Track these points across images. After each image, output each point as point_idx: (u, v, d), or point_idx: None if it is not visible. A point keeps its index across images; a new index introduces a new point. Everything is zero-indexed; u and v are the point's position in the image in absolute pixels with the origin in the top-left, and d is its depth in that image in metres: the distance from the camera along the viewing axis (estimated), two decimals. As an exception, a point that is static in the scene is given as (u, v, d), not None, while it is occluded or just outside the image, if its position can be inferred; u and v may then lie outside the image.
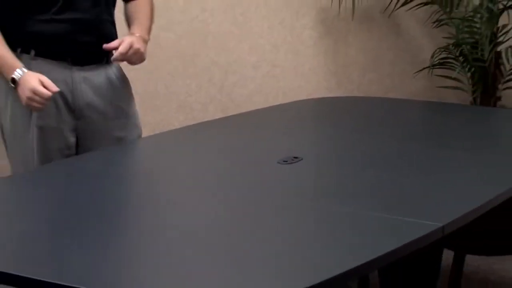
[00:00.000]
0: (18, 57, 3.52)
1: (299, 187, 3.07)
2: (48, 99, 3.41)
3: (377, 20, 5.09)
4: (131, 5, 3.86)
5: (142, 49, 3.66)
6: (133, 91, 4.00)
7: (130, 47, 3.56)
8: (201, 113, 4.47)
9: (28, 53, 3.56)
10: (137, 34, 3.68)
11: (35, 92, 3.40)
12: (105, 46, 3.55)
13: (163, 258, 2.42)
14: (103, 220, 2.73)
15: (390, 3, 4.92)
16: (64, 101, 3.59)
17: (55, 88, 3.40)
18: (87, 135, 3.68)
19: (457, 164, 3.34)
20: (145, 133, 3.87)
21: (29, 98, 3.42)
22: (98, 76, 3.69)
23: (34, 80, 3.41)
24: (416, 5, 4.93)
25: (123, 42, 3.56)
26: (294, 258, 2.41)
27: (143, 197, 3.03)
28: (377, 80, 5.12)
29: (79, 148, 3.73)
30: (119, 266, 2.38)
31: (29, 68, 3.49)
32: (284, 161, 3.23)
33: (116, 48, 3.54)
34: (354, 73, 5.13)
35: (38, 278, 2.21)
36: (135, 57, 3.63)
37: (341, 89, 5.10)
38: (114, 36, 3.73)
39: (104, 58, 3.69)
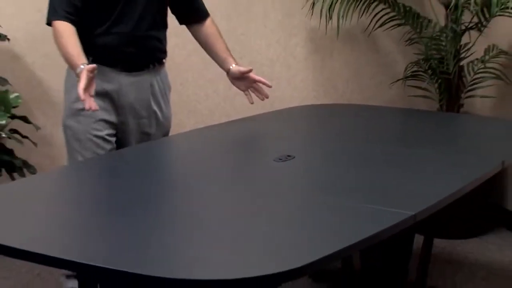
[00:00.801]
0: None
1: (292, 181, 3.08)
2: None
3: (358, 39, 5.12)
4: (199, 30, 3.97)
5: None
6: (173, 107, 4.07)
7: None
8: (209, 118, 4.51)
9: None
10: (236, 65, 3.93)
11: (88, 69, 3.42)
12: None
13: (186, 234, 2.49)
14: (135, 204, 2.76)
15: (369, 24, 4.96)
16: (110, 100, 3.70)
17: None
18: (122, 128, 3.78)
19: (426, 162, 3.34)
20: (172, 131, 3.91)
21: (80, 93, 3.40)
22: (142, 82, 3.77)
23: (90, 67, 3.48)
24: (391, 26, 4.96)
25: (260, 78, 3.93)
26: (288, 241, 2.42)
27: (167, 184, 3.07)
28: (358, 90, 5.15)
29: (117, 138, 3.83)
30: (154, 240, 2.40)
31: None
32: (279, 159, 3.23)
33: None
34: (338, 84, 5.15)
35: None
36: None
37: (328, 98, 5.13)
38: (157, 50, 3.82)
39: (150, 66, 3.77)
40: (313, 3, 4.87)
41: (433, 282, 4.04)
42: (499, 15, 4.60)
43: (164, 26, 3.88)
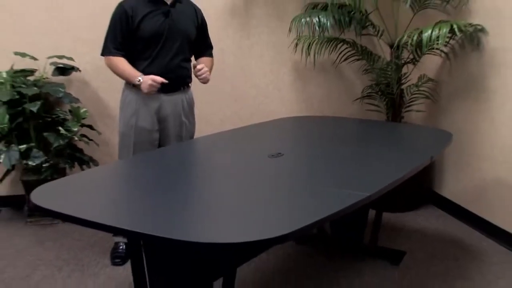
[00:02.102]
0: (130, 88, 3.85)
1: (281, 172, 3.14)
2: (159, 84, 3.66)
3: (329, 69, 5.14)
4: (200, 59, 4.05)
5: (208, 75, 3.90)
6: None
7: (207, 69, 3.87)
8: (220, 126, 4.48)
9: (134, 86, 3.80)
10: (206, 68, 3.90)
11: (154, 80, 3.64)
12: (195, 67, 3.83)
13: (202, 210, 2.58)
14: (166, 188, 2.82)
15: (336, 59, 5.00)
16: (155, 112, 3.83)
17: (161, 79, 3.69)
18: (163, 133, 3.90)
19: (377, 157, 3.43)
20: None
21: (150, 85, 3.65)
22: (176, 99, 3.89)
23: (151, 77, 3.67)
24: (352, 60, 5.01)
25: (203, 66, 3.84)
26: (279, 215, 2.55)
27: (190, 173, 3.11)
28: (328, 106, 5.17)
29: (160, 140, 3.92)
30: (186, 214, 2.51)
31: (136, 91, 3.78)
32: (272, 155, 3.33)
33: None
34: (314, 102, 5.17)
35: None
36: (203, 76, 3.84)
37: (307, 111, 5.15)
38: (186, 77, 3.92)
39: (181, 88, 3.90)
40: (296, 44, 4.92)
41: (381, 243, 4.05)
42: (428, 53, 4.67)
43: (190, 59, 3.97)
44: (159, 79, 3.65)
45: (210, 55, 4.11)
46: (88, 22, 3.91)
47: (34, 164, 4.46)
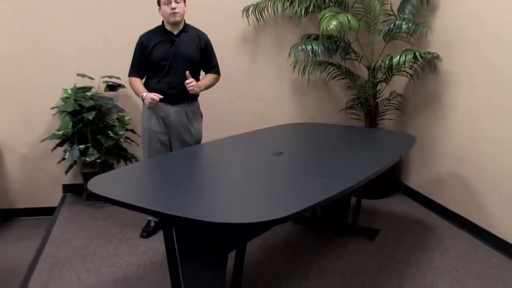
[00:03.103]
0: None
1: (282, 167, 3.17)
2: (157, 100, 3.75)
3: (320, 86, 5.10)
4: (205, 75, 4.03)
5: (197, 88, 3.82)
6: (205, 117, 4.14)
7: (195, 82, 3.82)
8: (233, 131, 4.38)
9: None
10: (199, 83, 3.88)
11: (152, 98, 3.74)
12: (186, 81, 3.77)
13: (217, 196, 2.61)
14: (191, 180, 2.88)
15: (326, 78, 4.99)
16: (162, 120, 3.88)
17: (159, 97, 3.75)
18: (172, 137, 3.89)
19: (358, 155, 3.46)
20: (208, 138, 3.89)
21: (150, 102, 3.76)
22: (180, 110, 3.88)
23: (152, 94, 3.77)
24: (338, 79, 4.98)
25: (192, 81, 3.79)
26: (280, 201, 2.63)
27: (207, 168, 3.14)
28: (320, 115, 5.13)
29: (170, 143, 3.95)
30: (202, 200, 2.55)
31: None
32: (274, 154, 3.37)
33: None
34: (308, 111, 5.13)
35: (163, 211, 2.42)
36: (192, 88, 3.78)
37: (302, 119, 5.10)
38: (187, 94, 3.83)
39: (184, 101, 3.88)
40: (294, 66, 4.88)
41: (360, 223, 4.05)
42: (397, 74, 4.67)
43: (196, 77, 3.94)
44: (157, 97, 3.74)
45: (215, 72, 4.05)
46: (129, 49, 3.93)
47: (90, 160, 4.49)
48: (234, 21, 4.84)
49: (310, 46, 4.70)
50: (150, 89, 3.86)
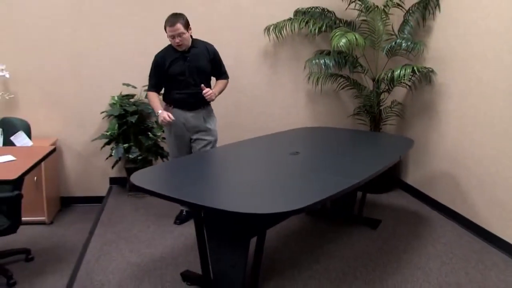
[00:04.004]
0: (168, 107, 3.89)
1: (298, 165, 3.16)
2: (169, 122, 3.73)
3: (331, 95, 5.06)
4: (217, 82, 3.97)
5: (213, 95, 3.78)
6: (223, 122, 4.19)
7: (211, 91, 3.76)
8: (255, 133, 4.33)
9: (171, 105, 3.87)
10: (214, 91, 3.81)
11: (164, 117, 3.71)
12: (202, 90, 3.72)
13: (240, 189, 2.58)
14: (218, 175, 2.91)
15: (336, 88, 4.98)
16: (183, 124, 3.85)
17: (170, 119, 3.71)
18: (192, 137, 3.84)
19: (363, 155, 3.45)
20: (232, 140, 3.89)
21: (162, 120, 3.74)
22: (197, 114, 3.85)
23: (165, 114, 3.74)
24: (347, 89, 4.96)
25: (208, 90, 3.75)
26: (296, 194, 2.63)
27: (230, 165, 3.12)
28: (331, 120, 5.08)
29: (191, 143, 3.91)
30: (218, 192, 2.56)
31: (172, 111, 3.82)
32: (291, 153, 3.38)
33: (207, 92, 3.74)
34: (321, 117, 5.10)
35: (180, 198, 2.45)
36: (209, 96, 3.74)
37: (316, 124, 5.07)
38: (204, 100, 3.80)
39: (201, 107, 3.85)
40: (309, 77, 4.90)
41: (365, 214, 4.05)
42: (397, 85, 4.70)
43: (208, 84, 3.89)
44: (168, 118, 3.70)
45: (224, 78, 4.00)
46: None
47: (132, 157, 4.56)
48: (257, 39, 4.86)
49: (323, 60, 4.71)
50: (172, 99, 3.87)
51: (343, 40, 4.24)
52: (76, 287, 2.99)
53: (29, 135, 3.18)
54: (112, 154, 4.56)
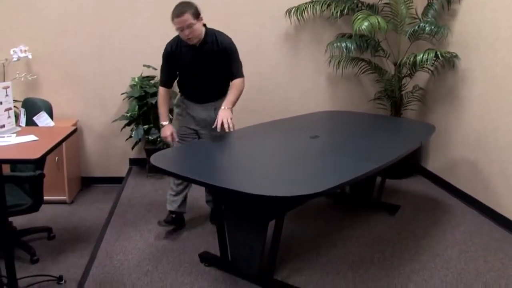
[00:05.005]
0: (181, 99, 3.58)
1: (318, 147, 3.16)
2: (170, 140, 3.49)
3: (352, 78, 5.03)
4: (232, 82, 3.40)
5: (230, 123, 3.17)
6: (243, 105, 4.04)
7: (221, 122, 3.16)
8: (275, 116, 4.40)
9: (182, 96, 3.55)
10: (223, 107, 3.26)
11: (166, 136, 3.46)
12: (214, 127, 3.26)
13: (260, 172, 2.59)
14: (237, 158, 2.90)
15: (357, 72, 4.94)
16: (193, 117, 3.51)
17: (172, 140, 3.48)
18: (200, 128, 3.51)
19: (383, 140, 3.43)
20: (252, 122, 3.82)
21: (164, 137, 3.50)
22: (208, 107, 3.48)
23: (168, 131, 3.47)
24: (368, 73, 4.94)
25: (217, 118, 3.21)
26: (316, 178, 2.65)
27: (252, 147, 3.12)
28: (351, 104, 5.06)
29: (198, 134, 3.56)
30: (234, 173, 2.55)
31: (183, 102, 3.55)
32: (311, 137, 3.37)
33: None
34: (341, 101, 5.08)
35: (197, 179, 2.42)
36: (226, 127, 3.15)
37: (336, 108, 5.06)
38: (215, 96, 3.49)
39: (212, 101, 3.47)
40: (330, 61, 4.87)
41: (384, 200, 4.05)
42: (419, 70, 4.66)
43: (224, 81, 3.47)
44: (170, 139, 3.47)
45: (237, 77, 3.37)
46: None
47: (152, 138, 4.59)
48: (278, 22, 4.83)
49: (344, 44, 4.66)
50: (182, 93, 3.59)
51: (365, 24, 4.20)
52: (96, 265, 3.05)
53: (51, 115, 3.22)
54: (132, 135, 4.60)
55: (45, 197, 3.09)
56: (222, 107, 3.26)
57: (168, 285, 2.83)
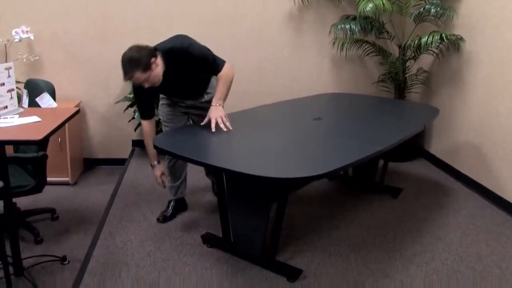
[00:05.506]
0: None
1: (321, 129, 3.15)
2: (160, 183, 3.33)
3: (356, 61, 5.02)
4: (216, 77, 3.11)
5: (219, 120, 3.00)
6: (245, 87, 4.11)
7: (216, 121, 2.99)
8: (279, 98, 4.39)
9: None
10: (213, 105, 3.05)
11: (158, 182, 3.32)
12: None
13: (263, 154, 2.58)
14: (240, 139, 2.87)
15: (361, 54, 4.91)
16: (180, 104, 3.31)
17: (162, 183, 3.32)
18: (189, 110, 3.34)
19: (387, 123, 3.41)
20: (256, 104, 3.82)
21: (156, 177, 3.32)
22: (196, 102, 3.28)
23: (159, 171, 3.30)
24: (372, 55, 4.90)
25: (210, 119, 3.01)
26: (316, 159, 2.65)
27: (257, 128, 3.08)
28: (355, 86, 5.06)
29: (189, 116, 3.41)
30: (241, 153, 2.54)
31: (167, 102, 3.34)
32: (314, 119, 3.37)
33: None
34: (345, 83, 5.07)
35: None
36: (222, 126, 2.98)
37: (340, 90, 5.05)
38: (199, 92, 3.28)
39: (198, 97, 3.29)
40: (334, 42, 4.84)
41: (386, 182, 4.05)
42: (424, 52, 4.62)
43: (202, 79, 3.27)
44: (162, 184, 3.33)
45: (218, 70, 3.03)
46: (189, 24, 3.83)
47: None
48: (282, 2, 4.79)
49: (349, 25, 4.63)
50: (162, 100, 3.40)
51: (370, 5, 4.18)
52: (99, 246, 3.08)
53: (53, 96, 3.22)
54: (135, 116, 4.60)
55: (48, 178, 3.11)
56: (213, 105, 3.07)
57: (170, 265, 2.85)
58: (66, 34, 4.66)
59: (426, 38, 4.18)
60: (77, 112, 3.01)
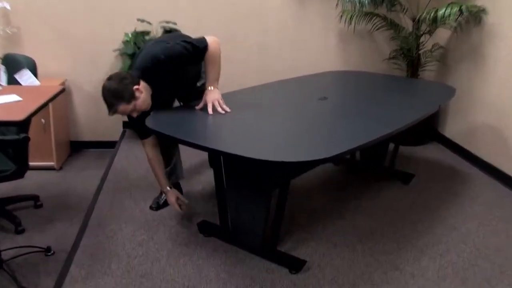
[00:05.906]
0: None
1: (326, 110, 3.16)
2: (177, 209, 3.20)
3: (365, 36, 5.02)
4: (204, 59, 2.97)
5: (216, 103, 2.97)
6: (246, 66, 4.01)
7: (212, 104, 2.96)
8: (282, 75, 4.32)
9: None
10: (208, 88, 3.01)
11: (173, 205, 3.17)
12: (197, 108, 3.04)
13: (265, 136, 2.58)
14: (240, 120, 2.85)
15: (371, 28, 4.90)
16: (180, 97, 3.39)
17: (178, 208, 3.19)
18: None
19: (398, 102, 3.41)
20: (258, 82, 3.82)
21: (172, 204, 3.19)
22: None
23: (173, 197, 3.18)
24: (383, 30, 4.89)
25: (206, 102, 2.98)
26: (321, 142, 2.63)
27: (247, 110, 3.07)
28: (364, 64, 5.05)
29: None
30: (241, 135, 2.54)
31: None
32: (319, 98, 3.36)
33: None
34: (353, 60, 5.06)
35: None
36: (215, 108, 2.96)
37: (347, 67, 5.05)
38: (194, 93, 3.24)
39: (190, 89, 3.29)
40: (341, 16, 4.82)
41: (397, 167, 4.07)
42: (440, 26, 4.58)
43: (198, 72, 3.25)
44: (179, 208, 3.18)
45: (204, 53, 2.92)
46: None
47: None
48: (285, -29, 4.81)
49: (358, -3, 4.64)
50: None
51: (381, -26, 4.17)
52: (87, 235, 3.08)
53: (35, 73, 3.20)
54: (125, 96, 4.57)
55: (31, 163, 3.10)
56: (208, 88, 3.04)
57: (164, 256, 2.86)
58: (48, 4, 4.61)
59: (444, 10, 4.14)
60: (62, 90, 3.00)
